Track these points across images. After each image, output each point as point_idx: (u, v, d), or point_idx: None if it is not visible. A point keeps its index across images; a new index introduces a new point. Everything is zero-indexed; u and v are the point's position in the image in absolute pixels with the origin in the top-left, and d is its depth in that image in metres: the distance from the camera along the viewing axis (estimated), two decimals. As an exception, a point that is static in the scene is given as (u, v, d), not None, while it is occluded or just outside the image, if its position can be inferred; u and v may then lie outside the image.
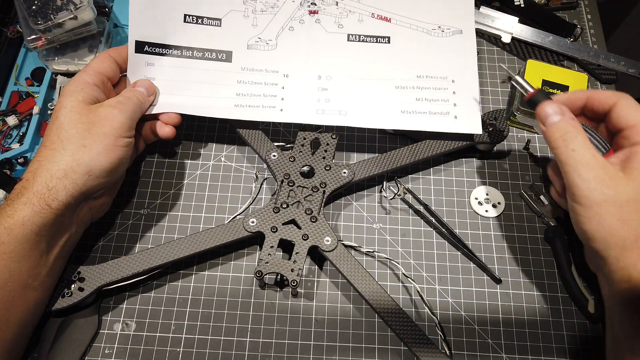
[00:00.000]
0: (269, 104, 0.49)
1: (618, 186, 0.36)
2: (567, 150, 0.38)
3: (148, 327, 0.45)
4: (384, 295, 0.43)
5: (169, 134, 0.48)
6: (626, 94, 0.41)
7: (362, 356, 0.44)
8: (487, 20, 0.60)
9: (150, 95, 0.47)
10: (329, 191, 0.47)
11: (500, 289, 0.48)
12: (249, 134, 0.50)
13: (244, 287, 0.47)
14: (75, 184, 0.39)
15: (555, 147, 0.38)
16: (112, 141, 0.41)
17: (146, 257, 0.44)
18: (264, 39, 0.51)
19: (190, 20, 0.50)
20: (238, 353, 0.44)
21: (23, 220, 0.37)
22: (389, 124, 0.50)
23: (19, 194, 0.39)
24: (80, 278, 0.42)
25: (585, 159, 0.37)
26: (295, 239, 0.44)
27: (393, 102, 0.50)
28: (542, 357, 0.45)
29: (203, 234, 0.45)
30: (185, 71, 0.50)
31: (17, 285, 0.37)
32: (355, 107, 0.50)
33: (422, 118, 0.49)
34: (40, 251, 0.39)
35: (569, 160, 0.37)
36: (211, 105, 0.49)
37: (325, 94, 0.50)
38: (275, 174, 0.48)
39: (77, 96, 0.42)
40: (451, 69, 0.51)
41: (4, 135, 0.52)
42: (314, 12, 0.53)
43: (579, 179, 0.37)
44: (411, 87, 0.51)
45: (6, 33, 0.57)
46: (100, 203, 0.45)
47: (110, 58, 0.46)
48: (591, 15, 0.64)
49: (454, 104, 0.50)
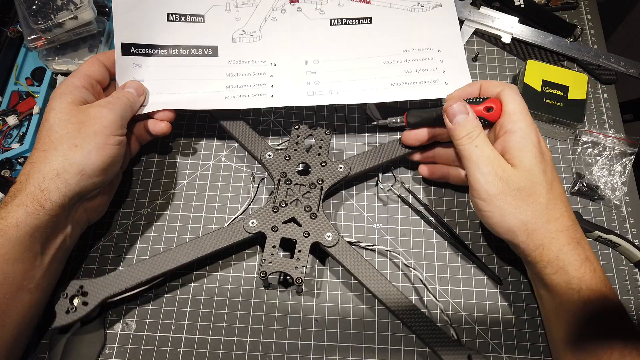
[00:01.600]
0: (259, 92, 0.50)
1: (509, 177, 0.40)
2: (471, 147, 0.41)
3: (148, 327, 0.45)
4: (388, 286, 0.43)
5: (164, 129, 0.47)
6: (512, 85, 0.44)
7: (362, 356, 0.45)
8: (487, 20, 0.60)
9: (139, 95, 0.47)
10: (326, 187, 0.47)
11: (500, 289, 0.48)
12: (242, 134, 0.50)
13: (244, 286, 0.47)
14: (68, 184, 0.39)
15: (460, 144, 0.42)
16: (103, 139, 0.41)
17: (148, 266, 0.43)
18: (248, 31, 0.52)
19: (174, 19, 0.51)
20: (238, 353, 0.44)
21: (16, 222, 0.37)
22: (381, 98, 0.50)
23: (13, 196, 0.39)
24: (83, 292, 0.42)
25: (485, 155, 0.41)
26: (296, 236, 0.44)
27: (382, 77, 0.51)
28: (541, 357, 0.45)
29: (204, 239, 0.45)
30: (173, 69, 0.50)
31: (12, 288, 0.37)
32: (345, 86, 0.50)
33: (413, 88, 0.50)
34: (35, 253, 0.39)
35: (471, 156, 0.41)
36: (201, 100, 0.49)
37: (314, 77, 0.50)
38: (271, 174, 0.48)
39: (66, 98, 0.42)
40: (435, 40, 0.52)
41: (4, 135, 0.52)
42: (295, 1, 0.53)
43: (479, 174, 0.40)
44: (398, 60, 0.51)
45: (6, 33, 0.57)
46: (96, 205, 0.45)
47: (99, 62, 0.46)
48: (591, 15, 0.64)
49: (442, 71, 0.51)
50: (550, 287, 0.40)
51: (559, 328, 0.41)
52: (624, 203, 0.52)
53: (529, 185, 0.40)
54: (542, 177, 0.40)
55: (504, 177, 0.40)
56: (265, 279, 0.43)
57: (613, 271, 0.49)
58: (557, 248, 0.39)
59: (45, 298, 0.41)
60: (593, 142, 0.54)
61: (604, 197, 0.52)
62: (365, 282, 0.43)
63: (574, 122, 0.53)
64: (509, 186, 0.40)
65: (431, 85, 0.50)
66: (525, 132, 0.41)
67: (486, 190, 0.40)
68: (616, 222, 0.51)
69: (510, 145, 0.41)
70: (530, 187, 0.40)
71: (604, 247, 0.50)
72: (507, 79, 0.59)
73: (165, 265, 0.43)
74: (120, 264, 0.48)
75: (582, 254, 0.39)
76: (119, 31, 0.48)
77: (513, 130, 0.41)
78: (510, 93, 0.43)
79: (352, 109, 0.57)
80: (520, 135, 0.41)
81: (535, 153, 0.40)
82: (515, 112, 0.42)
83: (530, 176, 0.40)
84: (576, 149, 0.54)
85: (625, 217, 0.51)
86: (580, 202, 0.52)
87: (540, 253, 0.39)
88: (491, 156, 0.40)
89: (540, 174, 0.40)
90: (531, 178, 0.40)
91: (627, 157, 0.53)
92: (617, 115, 0.57)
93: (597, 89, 0.59)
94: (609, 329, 0.38)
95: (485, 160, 0.40)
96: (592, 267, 0.39)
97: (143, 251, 0.48)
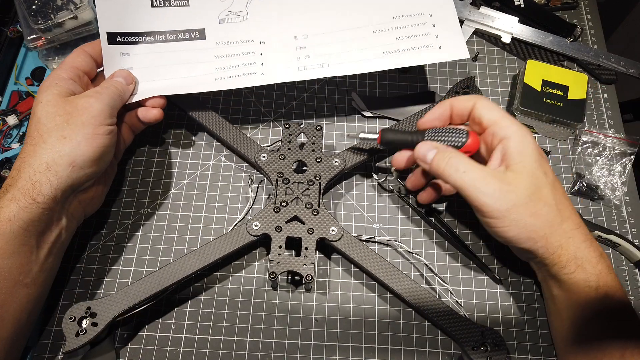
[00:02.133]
0: (249, 71, 0.49)
1: (516, 187, 0.38)
2: (459, 174, 0.39)
3: (148, 327, 0.45)
4: (398, 273, 0.44)
5: (156, 116, 0.47)
6: (481, 96, 0.43)
7: (362, 356, 0.45)
8: (487, 20, 0.60)
9: (129, 84, 0.46)
10: (324, 182, 0.47)
11: (500, 289, 0.48)
12: (233, 139, 0.50)
13: (244, 286, 0.47)
14: (59, 176, 0.39)
15: (447, 176, 0.40)
16: (92, 130, 0.41)
17: (155, 280, 0.43)
18: (234, 12, 0.51)
19: (158, 4, 0.50)
20: (238, 353, 0.44)
21: (9, 216, 0.37)
22: (373, 67, 0.49)
23: (5, 191, 0.39)
24: (91, 313, 0.41)
25: (478, 176, 0.39)
26: (301, 234, 0.45)
27: (374, 46, 0.50)
28: (541, 357, 0.45)
29: (209, 247, 0.44)
30: (161, 56, 0.49)
31: (8, 283, 0.37)
32: (336, 58, 0.49)
33: (406, 54, 0.49)
34: (30, 247, 0.39)
35: (464, 183, 0.39)
36: (192, 84, 0.49)
37: (304, 52, 0.50)
38: (268, 175, 0.48)
39: (53, 90, 0.42)
40: (426, 4, 0.51)
41: (4, 134, 0.52)
42: None
43: (483, 196, 0.38)
44: (389, 28, 0.50)
45: (6, 33, 0.57)
46: (91, 196, 0.44)
47: (85, 52, 0.46)
48: (591, 15, 0.64)
49: (435, 35, 0.50)
50: (567, 286, 0.40)
51: (570, 326, 0.40)
52: (624, 203, 0.52)
53: (536, 189, 0.39)
54: (545, 179, 0.40)
55: (510, 189, 0.38)
56: (274, 280, 0.43)
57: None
58: (574, 246, 0.39)
59: (43, 293, 0.41)
60: (593, 142, 0.54)
61: (604, 197, 0.52)
62: (374, 272, 0.44)
63: (574, 122, 0.53)
64: (518, 196, 0.38)
65: (424, 50, 0.49)
66: (520, 135, 0.40)
67: (497, 208, 0.38)
68: (616, 222, 0.51)
69: (510, 151, 0.40)
70: (538, 191, 0.39)
71: (604, 247, 0.50)
72: (507, 79, 0.59)
73: (173, 278, 0.43)
74: (121, 264, 0.48)
75: (597, 250, 0.39)
76: (104, 20, 0.48)
77: (508, 135, 0.40)
78: (484, 104, 0.42)
79: (339, 103, 0.56)
80: (517, 139, 0.40)
81: (536, 155, 0.40)
82: (500, 118, 0.41)
83: (535, 180, 0.39)
84: (576, 148, 0.54)
85: (625, 217, 0.51)
86: (580, 202, 0.52)
87: (560, 254, 0.39)
88: (485, 174, 0.39)
89: (543, 176, 0.40)
90: (536, 182, 0.39)
91: (627, 157, 0.53)
92: (617, 115, 0.57)
93: (597, 89, 0.59)
94: (620, 326, 0.38)
95: (482, 182, 0.39)
96: (606, 264, 0.39)
97: (143, 251, 0.48)
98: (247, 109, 0.56)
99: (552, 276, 0.41)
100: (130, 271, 0.47)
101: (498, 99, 0.58)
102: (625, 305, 0.39)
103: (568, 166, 0.54)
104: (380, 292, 0.47)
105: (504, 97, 0.58)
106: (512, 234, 0.39)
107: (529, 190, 0.39)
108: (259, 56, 0.50)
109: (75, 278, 0.47)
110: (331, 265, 0.48)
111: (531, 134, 0.41)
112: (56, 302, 0.46)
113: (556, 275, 0.40)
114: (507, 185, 0.39)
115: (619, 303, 0.38)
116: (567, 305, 0.41)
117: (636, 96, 0.72)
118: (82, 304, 0.41)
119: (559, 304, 0.42)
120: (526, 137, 0.40)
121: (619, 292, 0.39)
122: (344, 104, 0.57)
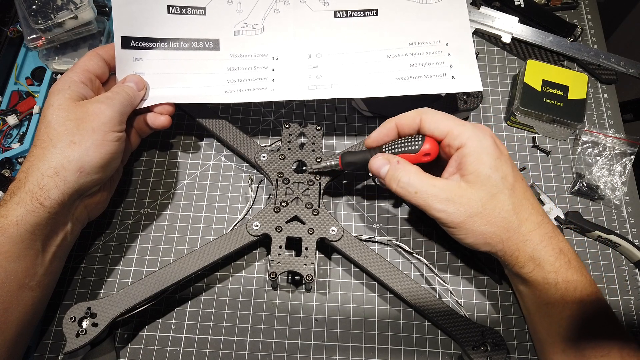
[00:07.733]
0: (260, 86, 0.49)
1: (469, 199, 0.39)
2: (411, 196, 0.40)
3: (148, 327, 0.45)
4: (398, 273, 0.44)
5: (164, 123, 0.47)
6: (426, 108, 0.42)
7: (362, 356, 0.45)
8: (487, 20, 0.60)
9: (140, 89, 0.46)
10: (324, 182, 0.47)
11: (500, 289, 0.48)
12: (233, 138, 0.50)
13: (244, 286, 0.47)
14: (67, 181, 0.39)
15: (402, 196, 0.41)
16: (102, 136, 0.41)
17: (155, 280, 0.43)
18: (250, 24, 0.51)
19: (174, 11, 0.50)
20: (238, 353, 0.44)
21: (16, 219, 0.37)
22: (384, 92, 0.48)
23: (12, 194, 0.39)
24: (92, 314, 0.41)
25: (430, 194, 0.40)
26: (301, 234, 0.45)
27: (386, 71, 0.49)
28: (542, 357, 0.45)
29: (209, 247, 0.44)
30: (173, 63, 0.49)
31: (14, 285, 0.37)
32: (348, 80, 0.49)
33: (418, 82, 0.49)
34: (36, 250, 0.39)
35: (417, 202, 0.40)
36: (202, 94, 0.49)
37: (316, 71, 0.50)
38: (268, 175, 0.48)
39: (65, 94, 0.41)
40: (443, 32, 0.50)
41: (4, 134, 0.52)
42: None
43: (438, 212, 0.40)
44: (404, 54, 0.50)
45: (6, 32, 0.57)
46: (96, 201, 0.44)
47: (98, 56, 0.46)
48: (591, 15, 0.64)
49: (450, 65, 0.49)
50: (529, 283, 0.41)
51: (541, 321, 0.42)
52: (624, 203, 0.52)
53: (491, 197, 0.39)
54: (502, 183, 0.39)
55: (462, 201, 0.39)
56: (275, 280, 0.43)
57: (613, 271, 0.49)
58: (531, 248, 0.39)
59: (47, 295, 0.41)
60: (593, 142, 0.54)
61: (604, 197, 0.52)
62: (374, 272, 0.44)
63: (574, 122, 0.53)
64: (471, 207, 0.39)
65: (437, 79, 0.49)
66: (475, 140, 0.39)
67: (452, 221, 0.39)
68: (616, 222, 0.51)
69: (464, 160, 0.40)
70: (493, 198, 0.39)
71: (604, 247, 0.50)
72: (507, 79, 0.59)
73: (173, 278, 0.43)
74: (121, 264, 0.48)
75: (555, 247, 0.40)
76: (119, 24, 0.48)
77: (462, 143, 0.40)
78: (430, 118, 0.41)
79: (339, 102, 0.56)
80: (472, 146, 0.39)
81: (491, 162, 0.39)
82: (452, 127, 0.40)
83: (489, 188, 0.39)
84: (576, 148, 0.54)
85: (625, 217, 0.51)
86: (580, 202, 0.52)
87: (517, 256, 0.40)
88: (437, 191, 0.39)
89: (500, 181, 0.39)
90: (491, 190, 0.39)
91: (627, 157, 0.53)
92: (617, 115, 0.57)
93: (597, 88, 0.59)
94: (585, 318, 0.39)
95: (433, 199, 0.39)
96: (566, 260, 0.39)
97: (143, 251, 0.48)
98: (247, 109, 0.56)
99: (515, 274, 0.42)
100: (130, 271, 0.47)
101: (498, 99, 0.58)
102: (589, 296, 0.39)
103: (568, 166, 0.54)
104: (381, 292, 0.47)
105: (504, 97, 0.58)
106: (469, 241, 0.40)
107: (482, 200, 0.39)
108: (271, 72, 0.49)
109: (75, 278, 0.47)
110: (331, 265, 0.48)
111: (489, 137, 0.40)
112: (57, 302, 0.46)
113: (518, 274, 0.41)
114: (460, 197, 0.39)
115: (582, 295, 0.39)
116: (532, 300, 0.42)
117: (636, 96, 0.72)
118: (82, 304, 0.41)
119: (526, 300, 0.43)
120: (482, 142, 0.40)
121: (580, 285, 0.39)
122: (344, 104, 0.57)
